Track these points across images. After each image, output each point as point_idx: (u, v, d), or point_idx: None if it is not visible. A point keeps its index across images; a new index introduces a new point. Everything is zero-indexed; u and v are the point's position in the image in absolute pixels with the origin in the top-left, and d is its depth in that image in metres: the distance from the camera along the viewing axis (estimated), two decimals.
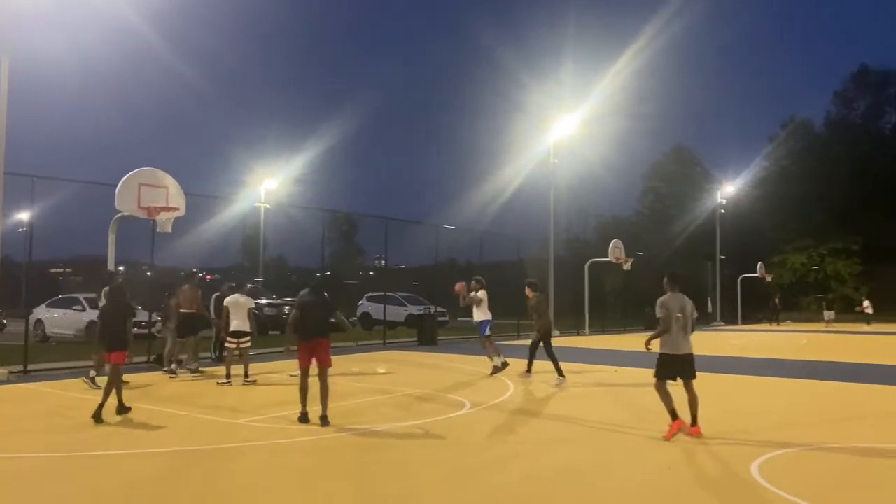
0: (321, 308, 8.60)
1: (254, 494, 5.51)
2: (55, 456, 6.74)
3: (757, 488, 5.70)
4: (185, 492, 5.60)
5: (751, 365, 16.17)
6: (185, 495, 5.51)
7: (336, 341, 21.09)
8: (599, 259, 29.85)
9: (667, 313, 7.79)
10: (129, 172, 13.15)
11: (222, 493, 5.57)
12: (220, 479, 6.00)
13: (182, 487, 5.72)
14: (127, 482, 5.83)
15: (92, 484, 5.79)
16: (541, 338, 12.85)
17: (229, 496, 5.50)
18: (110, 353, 8.80)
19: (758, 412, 9.64)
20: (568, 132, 29.32)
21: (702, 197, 50.57)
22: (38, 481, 5.89)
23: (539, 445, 7.46)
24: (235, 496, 5.49)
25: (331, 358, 8.59)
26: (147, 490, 5.63)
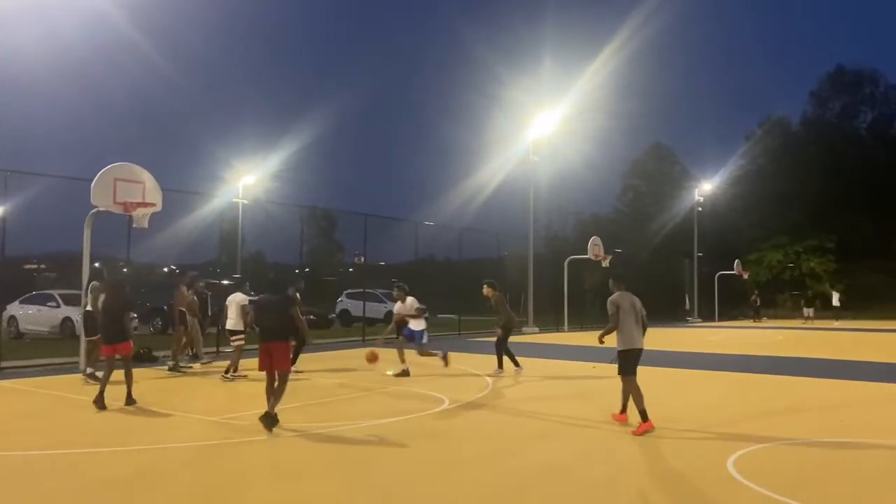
0: (278, 308, 8.15)
1: (232, 492, 5.47)
2: (31, 455, 6.65)
3: (733, 483, 5.76)
4: (161, 491, 5.55)
5: (727, 361, 16.33)
6: (162, 494, 5.46)
7: (316, 338, 21.05)
8: (579, 256, 29.98)
9: (616, 310, 8.14)
10: (105, 167, 12.98)
11: (197, 493, 5.52)
12: (194, 478, 5.95)
13: (159, 486, 5.66)
14: (104, 479, 5.76)
15: (67, 482, 5.71)
16: (505, 334, 13.22)
17: (205, 495, 5.45)
18: (116, 344, 9.11)
19: (734, 408, 9.73)
20: (548, 129, 29.40)
21: (680, 195, 50.96)
22: (13, 480, 5.80)
23: (517, 441, 7.48)
24: (211, 495, 5.45)
25: (289, 362, 8.29)
26: (123, 488, 5.57)
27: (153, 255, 28.64)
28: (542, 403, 9.97)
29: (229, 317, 12.36)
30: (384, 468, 6.28)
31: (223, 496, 5.41)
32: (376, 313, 28.56)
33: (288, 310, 8.18)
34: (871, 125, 60.68)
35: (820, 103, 61.04)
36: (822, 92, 60.85)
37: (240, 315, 12.22)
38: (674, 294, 42.08)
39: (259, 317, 8.32)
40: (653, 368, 14.38)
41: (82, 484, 5.69)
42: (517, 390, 11.27)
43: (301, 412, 9.06)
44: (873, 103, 60.72)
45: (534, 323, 28.11)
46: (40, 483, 5.70)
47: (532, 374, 12.91)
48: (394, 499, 5.38)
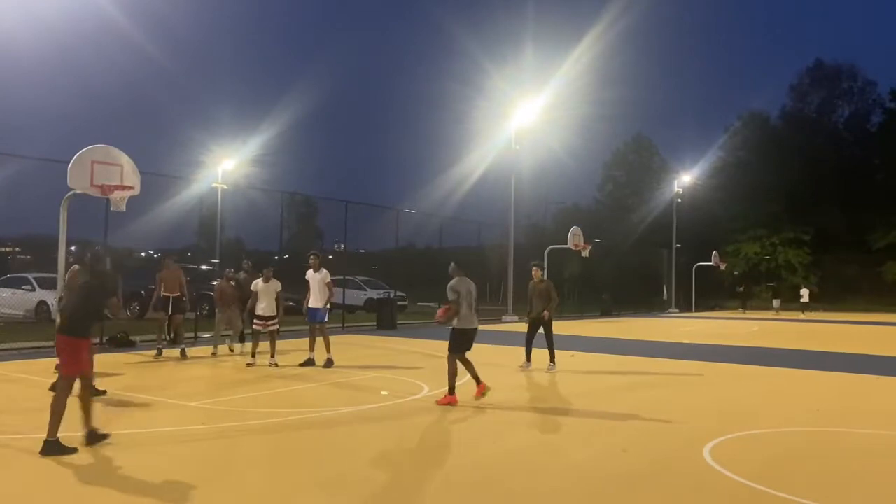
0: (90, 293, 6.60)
1: (204, 479, 5.45)
2: (2, 437, 6.58)
3: (709, 471, 5.84)
4: (148, 475, 5.52)
5: (702, 352, 16.50)
6: (154, 479, 5.43)
7: (296, 324, 21.01)
8: (559, 246, 30.11)
9: (457, 296, 8.90)
10: (82, 149, 12.79)
11: (170, 480, 5.50)
12: (171, 464, 5.92)
13: (143, 472, 5.63)
14: (86, 465, 5.72)
15: (45, 467, 5.66)
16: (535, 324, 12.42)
17: (178, 482, 5.43)
18: None
19: (710, 397, 9.85)
20: (530, 119, 29.41)
21: (660, 186, 51.35)
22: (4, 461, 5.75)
23: (495, 429, 7.51)
24: (195, 482, 5.43)
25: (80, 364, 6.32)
26: (108, 473, 5.53)
27: (131, 239, 28.35)
28: (519, 392, 10.04)
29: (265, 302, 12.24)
30: (359, 455, 6.27)
31: (206, 484, 5.39)
32: (356, 300, 28.54)
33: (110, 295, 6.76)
34: (848, 120, 61.45)
35: (799, 97, 61.66)
36: (801, 86, 61.48)
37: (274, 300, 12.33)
38: (652, 284, 42.46)
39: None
40: (629, 358, 14.56)
41: (58, 470, 5.64)
42: (496, 379, 11.31)
43: (281, 398, 9.05)
44: (850, 98, 61.48)
45: (513, 312, 28.21)
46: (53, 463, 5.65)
47: (510, 363, 12.95)
48: (369, 486, 5.39)
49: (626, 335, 20.55)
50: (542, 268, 12.57)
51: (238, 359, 12.99)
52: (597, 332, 21.52)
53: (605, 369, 12.91)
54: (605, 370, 12.79)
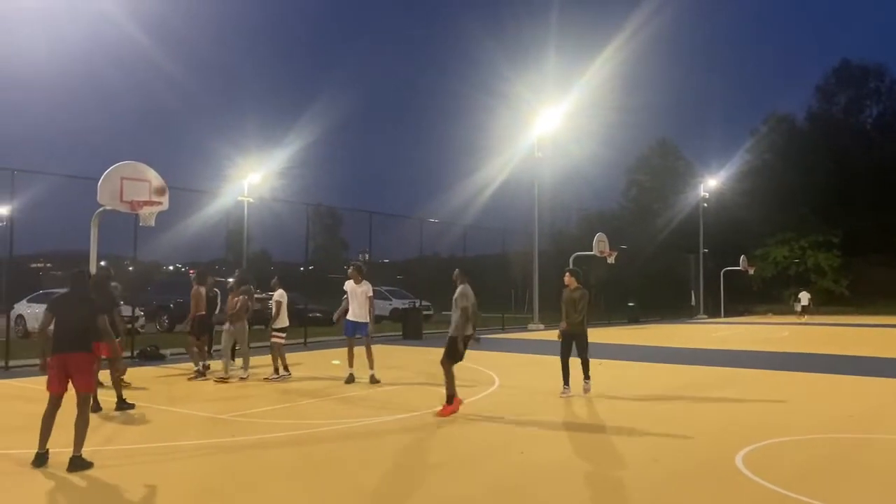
0: (79, 309, 6.36)
1: (232, 490, 5.49)
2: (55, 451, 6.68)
3: (742, 479, 5.76)
4: (179, 487, 5.57)
5: (734, 358, 16.30)
6: (180, 491, 5.49)
7: (321, 335, 21.08)
8: (584, 252, 29.96)
9: (467, 302, 8.80)
10: (112, 166, 13.01)
11: (205, 490, 5.55)
12: (206, 476, 5.97)
13: (176, 483, 5.69)
14: (120, 476, 5.79)
15: (78, 481, 5.75)
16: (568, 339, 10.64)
17: (211, 493, 5.48)
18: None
19: (743, 403, 9.72)
20: (552, 126, 29.35)
21: (685, 190, 50.87)
22: (25, 478, 5.84)
23: (523, 440, 7.48)
24: (219, 493, 5.47)
25: (92, 381, 6.49)
26: (140, 485, 5.60)
27: (159, 253, 28.76)
28: (547, 401, 9.96)
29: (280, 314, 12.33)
30: (391, 466, 6.29)
31: (229, 495, 5.43)
32: (381, 310, 28.62)
33: (98, 313, 6.47)
34: (877, 119, 60.59)
35: (825, 98, 60.94)
36: (828, 86, 60.78)
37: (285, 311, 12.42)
38: (679, 290, 42.05)
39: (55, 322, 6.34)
40: (659, 365, 14.42)
41: (87, 483, 5.72)
42: (523, 388, 11.28)
43: (312, 409, 9.09)
44: (878, 98, 60.68)
45: (539, 320, 28.11)
46: (48, 477, 5.74)
47: (539, 372, 12.89)
48: (400, 498, 5.39)
49: (655, 342, 20.37)
50: (578, 274, 11.19)
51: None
52: (625, 340, 21.36)
53: (635, 377, 12.80)
54: (634, 378, 12.68)
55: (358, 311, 11.56)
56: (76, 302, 6.38)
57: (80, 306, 6.32)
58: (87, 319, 6.26)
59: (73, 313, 6.27)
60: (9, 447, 6.86)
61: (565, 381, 10.31)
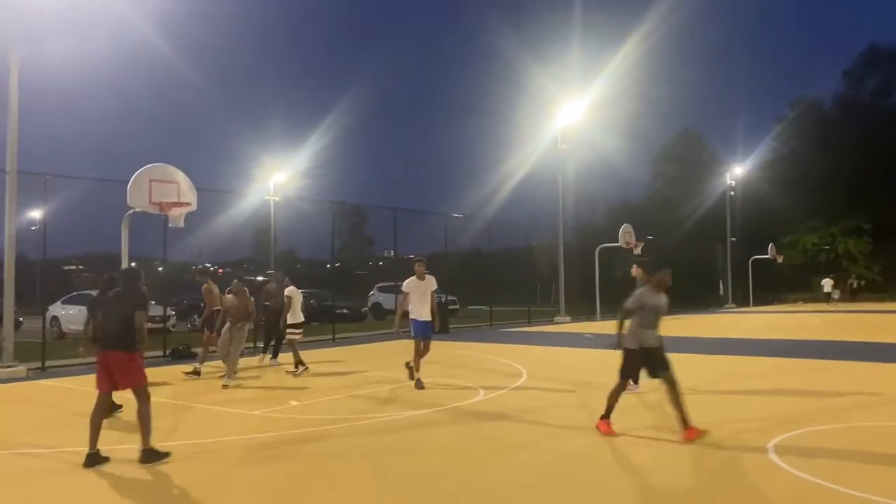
0: (118, 308, 6.45)
1: (267, 484, 5.60)
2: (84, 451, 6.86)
3: (775, 468, 5.75)
4: (230, 485, 5.69)
5: (764, 346, 16.17)
6: (232, 488, 5.60)
7: (349, 331, 21.26)
8: (609, 244, 29.83)
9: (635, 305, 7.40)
10: (141, 169, 13.23)
11: (242, 487, 5.65)
12: (239, 473, 6.08)
13: (217, 480, 5.81)
14: (158, 473, 5.92)
15: (116, 478, 5.89)
16: None
17: (252, 489, 5.59)
18: None
19: (773, 392, 9.66)
20: (576, 117, 29.21)
21: (711, 179, 50.32)
22: (70, 476, 6.00)
23: (553, 432, 7.50)
24: (244, 491, 5.58)
25: (134, 376, 6.37)
26: (176, 483, 5.73)
27: (189, 253, 29.14)
28: (576, 393, 9.97)
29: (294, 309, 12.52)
30: (419, 459, 6.37)
31: (258, 488, 5.53)
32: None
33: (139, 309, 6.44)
34: None
35: (853, 82, 59.73)
36: (856, 71, 59.55)
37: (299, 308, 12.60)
38: (707, 280, 41.65)
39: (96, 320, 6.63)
40: (689, 355, 14.34)
41: (127, 480, 5.86)
42: (551, 380, 11.29)
43: (339, 404, 9.19)
44: None
45: (565, 312, 28.05)
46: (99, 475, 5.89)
47: (567, 364, 12.90)
48: (428, 489, 5.45)
49: (684, 332, 20.22)
50: (644, 264, 10.74)
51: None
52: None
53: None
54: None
55: (424, 310, 10.60)
56: (115, 301, 6.52)
57: (119, 305, 6.45)
58: (125, 318, 6.34)
59: (112, 312, 6.43)
60: (55, 445, 7.05)
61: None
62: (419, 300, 10.54)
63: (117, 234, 13.76)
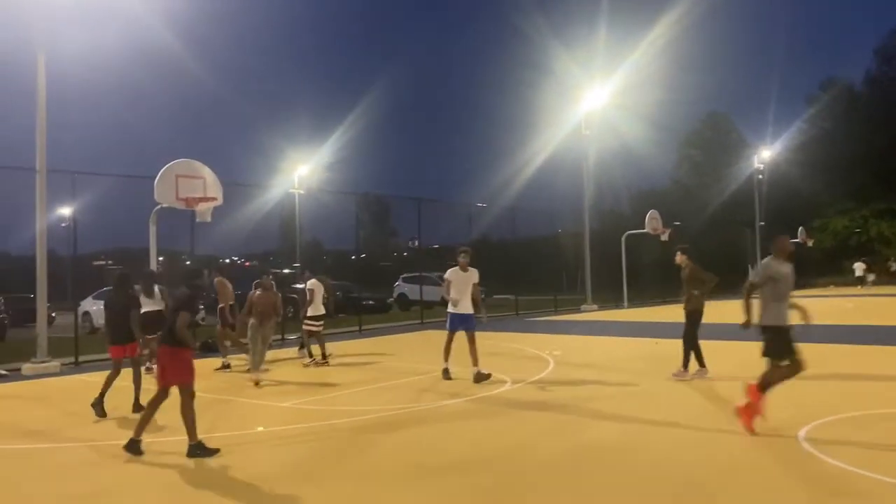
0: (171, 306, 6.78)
1: (295, 475, 5.64)
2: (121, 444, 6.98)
3: (806, 455, 5.68)
4: (261, 475, 5.75)
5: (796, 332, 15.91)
6: (267, 478, 5.66)
7: (375, 322, 21.35)
8: (636, 231, 29.56)
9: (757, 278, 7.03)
10: (167, 164, 13.35)
11: (266, 478, 5.70)
12: (284, 464, 6.13)
13: (257, 472, 5.87)
14: (193, 464, 6.00)
15: (149, 470, 5.98)
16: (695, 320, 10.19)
17: (276, 479, 5.63)
18: (124, 345, 8.38)
19: (803, 379, 9.51)
20: (600, 102, 28.90)
21: (738, 164, 49.63)
22: (106, 468, 6.09)
23: (581, 421, 7.47)
24: (283, 479, 5.62)
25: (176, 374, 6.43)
26: (226, 474, 5.79)
27: (217, 247, 29.37)
28: (603, 381, 9.91)
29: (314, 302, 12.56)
30: (449, 448, 6.38)
31: (286, 474, 5.57)
32: (433, 296, 28.77)
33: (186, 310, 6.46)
34: None
35: (884, 61, 58.41)
36: (887, 49, 58.25)
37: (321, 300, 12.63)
38: (735, 265, 41.11)
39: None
40: (717, 343, 14.18)
41: (164, 471, 5.94)
42: (577, 370, 11.24)
43: (370, 395, 9.23)
44: None
45: (592, 300, 27.88)
46: (140, 467, 5.98)
47: (596, 353, 12.83)
48: (458, 477, 5.45)
49: (712, 319, 19.98)
50: (686, 250, 10.63)
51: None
52: (681, 318, 21.04)
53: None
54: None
55: (466, 303, 10.24)
56: (171, 299, 6.69)
57: (173, 303, 6.62)
58: (174, 316, 6.48)
59: (171, 313, 6.59)
60: (97, 438, 7.17)
61: (699, 361, 9.97)
62: (460, 292, 10.19)
63: (145, 229, 13.92)
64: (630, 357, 12.55)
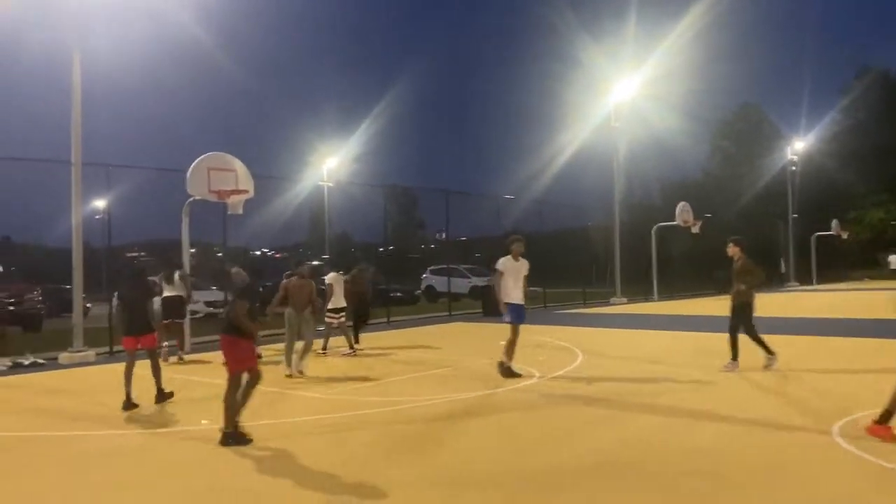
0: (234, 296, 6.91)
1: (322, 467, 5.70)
2: (158, 432, 7.13)
3: (840, 450, 5.61)
4: (286, 465, 5.82)
5: (831, 326, 15.71)
6: (290, 467, 5.73)
7: (403, 314, 21.47)
8: (666, 223, 29.28)
9: None
10: (199, 157, 13.51)
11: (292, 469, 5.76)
12: (315, 452, 6.21)
13: (277, 460, 5.95)
14: (222, 452, 6.10)
15: (180, 455, 6.09)
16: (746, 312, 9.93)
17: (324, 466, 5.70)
18: (139, 336, 8.30)
19: (839, 373, 9.39)
20: (630, 94, 28.62)
21: (771, 155, 48.86)
22: (144, 455, 6.22)
23: (610, 414, 7.43)
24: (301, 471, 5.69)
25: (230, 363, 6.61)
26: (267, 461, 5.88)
27: (248, 239, 29.72)
28: (632, 374, 9.86)
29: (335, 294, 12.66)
30: (475, 442, 6.40)
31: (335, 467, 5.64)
32: (461, 288, 28.81)
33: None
34: None
35: None
36: None
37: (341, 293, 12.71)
38: (768, 258, 40.53)
39: None
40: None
41: (196, 456, 6.04)
42: (605, 363, 11.20)
43: (396, 386, 9.29)
44: None
45: (622, 293, 27.70)
46: (182, 453, 6.10)
47: (625, 346, 12.76)
48: (478, 470, 5.48)
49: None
50: (740, 242, 10.33)
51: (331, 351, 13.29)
52: (713, 311, 20.85)
53: (724, 349, 12.47)
54: (724, 349, 12.36)
55: (519, 293, 9.77)
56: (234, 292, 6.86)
57: (233, 293, 6.77)
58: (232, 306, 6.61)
59: (231, 302, 6.69)
60: (122, 427, 7.31)
61: (732, 354, 9.82)
62: (514, 282, 9.73)
63: (178, 221, 14.12)
64: (658, 351, 12.46)
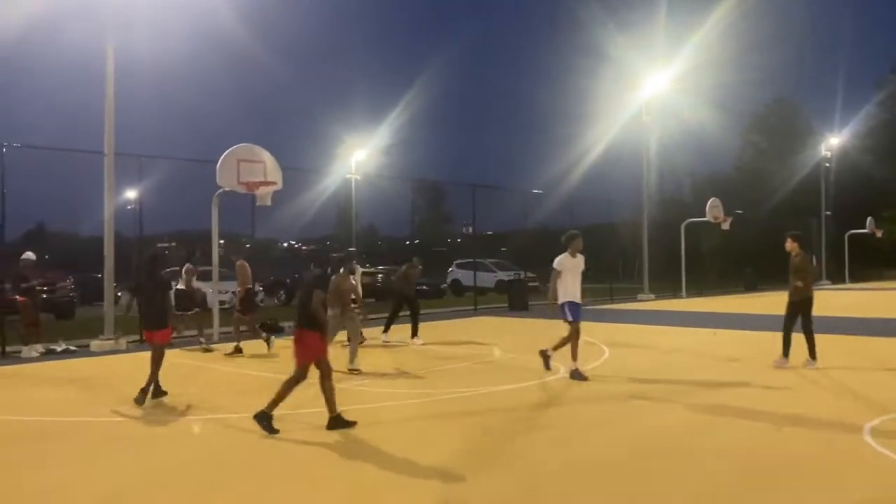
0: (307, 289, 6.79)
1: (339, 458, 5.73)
2: (191, 418, 7.23)
3: (871, 452, 5.52)
4: (325, 457, 5.88)
5: (863, 325, 15.43)
6: (332, 459, 5.78)
7: (429, 307, 21.51)
8: (696, 219, 28.96)
9: None
10: (229, 149, 13.64)
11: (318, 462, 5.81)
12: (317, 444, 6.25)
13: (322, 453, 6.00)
14: (254, 440, 6.17)
15: (211, 441, 6.16)
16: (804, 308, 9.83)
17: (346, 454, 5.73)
18: (153, 331, 8.13)
19: (872, 373, 9.23)
20: (660, 88, 28.30)
21: (804, 150, 48.01)
22: (175, 441, 6.32)
23: (635, 410, 7.39)
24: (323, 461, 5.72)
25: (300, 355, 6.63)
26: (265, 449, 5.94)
27: (276, 230, 30.00)
28: (657, 371, 9.79)
29: None
30: (501, 436, 6.40)
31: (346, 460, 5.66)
32: (487, 283, 28.77)
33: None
34: None
35: None
36: None
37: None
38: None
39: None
40: (778, 334, 13.83)
41: (219, 445, 6.11)
42: (632, 359, 11.12)
43: (422, 381, 9.32)
44: None
45: (649, 290, 27.47)
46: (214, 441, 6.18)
47: (652, 343, 12.65)
48: (518, 464, 5.47)
49: (773, 310, 19.53)
50: (798, 238, 10.12)
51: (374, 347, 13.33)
52: (741, 308, 20.61)
53: (753, 346, 12.34)
54: (752, 347, 12.23)
55: (578, 291, 9.53)
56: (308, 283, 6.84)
57: (309, 285, 6.71)
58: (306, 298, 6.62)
59: (304, 293, 6.72)
60: (181, 412, 7.42)
61: (784, 350, 9.76)
62: (573, 280, 9.43)
63: (207, 211, 14.28)
64: (685, 348, 12.35)
